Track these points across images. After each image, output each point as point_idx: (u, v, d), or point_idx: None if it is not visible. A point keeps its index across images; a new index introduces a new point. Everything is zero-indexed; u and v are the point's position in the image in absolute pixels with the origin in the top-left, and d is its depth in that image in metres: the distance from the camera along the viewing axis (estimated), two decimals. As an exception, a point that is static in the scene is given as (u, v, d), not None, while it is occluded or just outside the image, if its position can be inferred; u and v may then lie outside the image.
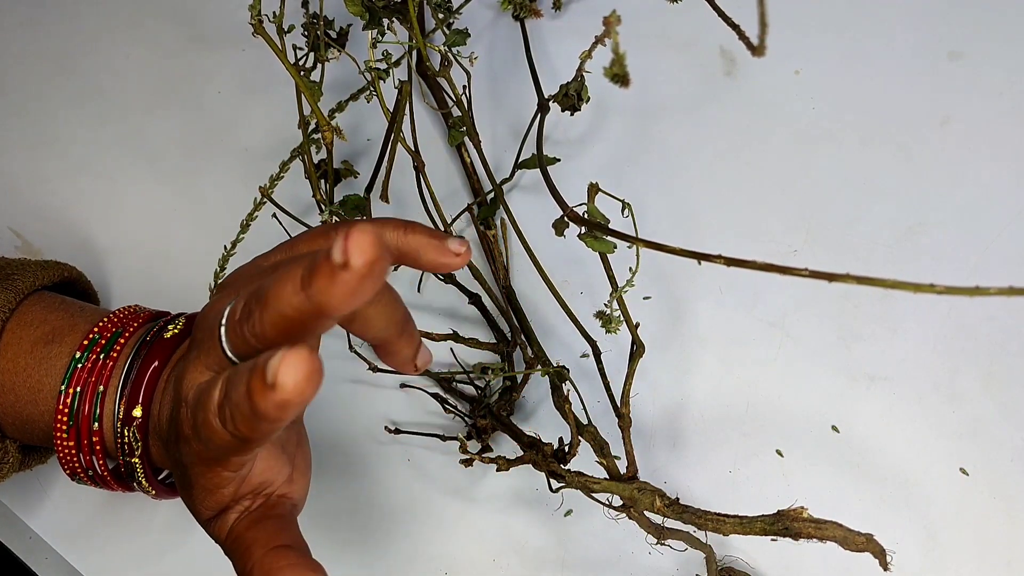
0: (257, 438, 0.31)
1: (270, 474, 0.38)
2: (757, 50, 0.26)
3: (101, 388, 0.41)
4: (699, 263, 0.31)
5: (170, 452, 0.38)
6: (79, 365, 0.42)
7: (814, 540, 0.39)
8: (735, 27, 0.29)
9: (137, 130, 0.64)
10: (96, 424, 0.41)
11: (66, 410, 0.41)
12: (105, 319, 0.44)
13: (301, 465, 0.40)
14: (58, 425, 0.42)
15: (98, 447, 0.42)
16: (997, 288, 0.21)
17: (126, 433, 0.40)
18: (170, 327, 0.43)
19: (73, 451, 0.42)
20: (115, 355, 0.42)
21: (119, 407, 0.41)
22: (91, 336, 0.43)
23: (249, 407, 0.29)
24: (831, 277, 0.25)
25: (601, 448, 0.45)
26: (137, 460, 0.41)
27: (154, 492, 0.43)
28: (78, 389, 0.41)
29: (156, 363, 0.41)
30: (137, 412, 0.40)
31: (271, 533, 0.37)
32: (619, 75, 0.28)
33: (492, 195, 0.55)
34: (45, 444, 0.45)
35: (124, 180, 0.62)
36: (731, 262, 0.29)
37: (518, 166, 0.52)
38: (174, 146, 0.63)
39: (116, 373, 0.42)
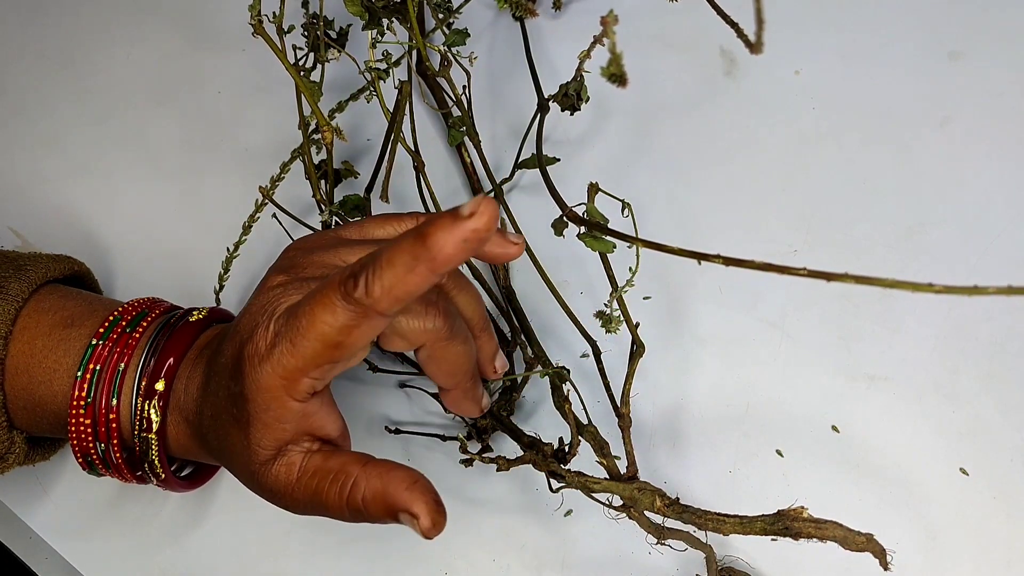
0: (387, 307, 0.32)
1: (328, 421, 0.38)
2: (755, 47, 0.26)
3: (122, 366, 0.42)
4: (699, 263, 0.31)
5: (219, 398, 0.38)
6: (101, 343, 0.43)
7: (814, 540, 0.39)
8: (734, 25, 0.29)
9: (137, 130, 0.64)
10: (115, 401, 0.42)
11: (85, 386, 0.42)
12: (127, 303, 0.45)
13: (346, 433, 0.41)
14: (75, 403, 0.42)
15: (114, 426, 0.42)
16: (996, 287, 0.21)
17: (146, 407, 0.41)
18: (195, 312, 0.44)
19: (89, 430, 0.42)
20: (137, 335, 0.43)
21: (140, 381, 0.41)
22: (113, 316, 0.44)
23: (423, 247, 0.31)
24: (830, 277, 0.25)
25: (601, 448, 0.45)
26: (153, 436, 0.41)
27: (164, 476, 0.44)
28: (98, 367, 0.42)
29: (182, 343, 0.42)
30: (160, 386, 0.41)
31: (354, 456, 0.38)
32: (616, 75, 0.28)
33: (492, 195, 0.55)
34: (53, 431, 0.45)
35: (124, 180, 0.62)
36: (730, 262, 0.29)
37: (518, 166, 0.52)
38: (174, 146, 0.63)
39: (137, 353, 0.43)
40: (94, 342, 0.43)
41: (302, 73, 0.50)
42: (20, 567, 0.53)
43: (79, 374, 0.42)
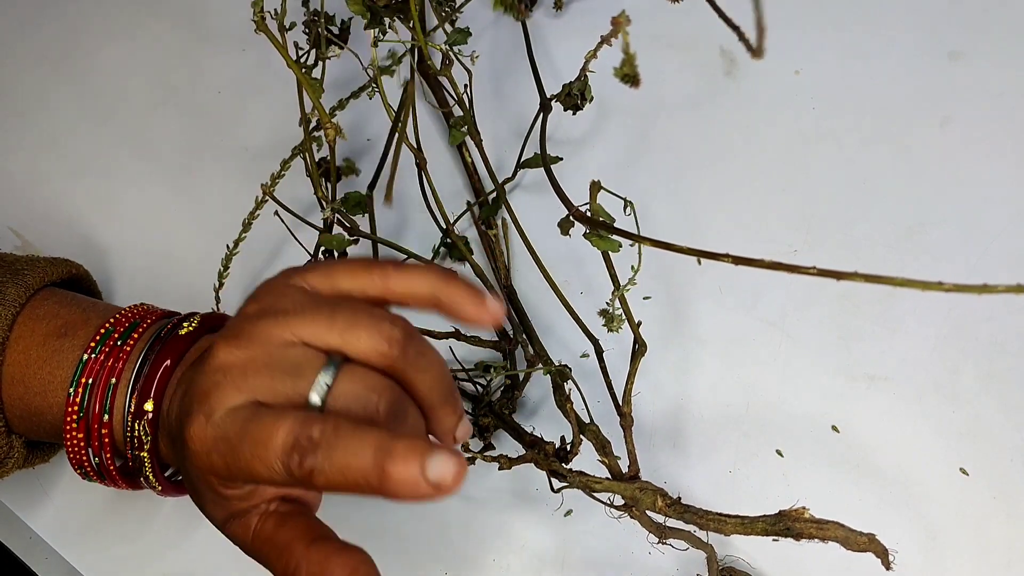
0: (325, 491, 0.33)
1: None
2: (756, 52, 0.26)
3: (113, 381, 0.41)
4: (699, 263, 0.31)
5: (176, 453, 0.38)
6: (92, 356, 0.42)
7: (816, 540, 0.39)
8: (735, 29, 0.29)
9: (137, 130, 0.64)
10: (107, 417, 0.41)
11: (77, 400, 0.42)
12: (119, 314, 0.44)
13: None
14: (68, 417, 0.42)
15: (107, 440, 0.42)
16: (1005, 286, 0.21)
17: (136, 427, 0.41)
18: (184, 324, 0.43)
19: (82, 444, 0.42)
20: (128, 348, 0.42)
21: (130, 400, 0.41)
22: (105, 328, 0.43)
23: (380, 477, 0.31)
24: (839, 275, 0.25)
25: (603, 447, 0.45)
26: (146, 455, 0.41)
27: (160, 488, 0.43)
28: (89, 381, 0.42)
29: (169, 358, 0.41)
30: (148, 406, 0.40)
31: (304, 529, 0.37)
32: (629, 75, 0.28)
33: (493, 195, 0.55)
34: (51, 439, 0.45)
35: (124, 180, 0.62)
36: (739, 261, 0.29)
37: (521, 165, 0.52)
38: (174, 146, 0.63)
39: (128, 367, 0.42)
40: (85, 356, 0.42)
41: (303, 70, 0.50)
42: (20, 567, 0.53)
43: (71, 391, 0.42)
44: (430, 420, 0.39)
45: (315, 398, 0.34)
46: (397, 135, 0.47)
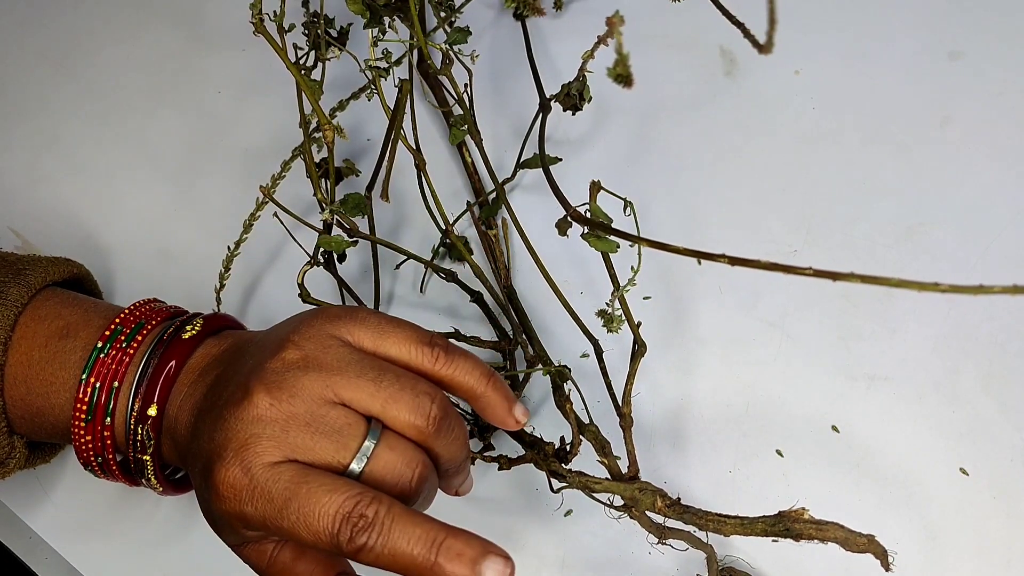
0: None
1: None
2: (764, 48, 0.25)
3: (116, 384, 0.42)
4: (699, 263, 0.31)
5: (195, 484, 0.38)
6: (101, 355, 0.42)
7: (815, 541, 0.39)
8: (740, 26, 0.29)
9: (137, 130, 0.64)
10: (108, 419, 0.42)
11: (84, 404, 0.42)
12: (125, 312, 0.44)
13: None
14: (76, 419, 0.42)
15: (109, 441, 0.42)
16: (1001, 287, 0.21)
17: (140, 431, 0.41)
18: (187, 327, 0.43)
19: (89, 444, 0.42)
20: (132, 351, 0.42)
21: (134, 404, 0.41)
22: (113, 327, 0.43)
23: (429, 572, 0.33)
24: (836, 276, 0.25)
25: (603, 447, 0.45)
26: (148, 458, 0.41)
27: (161, 489, 0.44)
28: (98, 384, 0.42)
29: (173, 363, 0.41)
30: (152, 411, 0.41)
31: (323, 564, 0.38)
32: (623, 75, 0.28)
33: (493, 195, 0.55)
34: (52, 439, 0.45)
35: (124, 180, 0.62)
36: (736, 261, 0.29)
37: (520, 165, 0.52)
38: (174, 146, 0.63)
39: (131, 370, 0.42)
40: (95, 353, 0.42)
41: (303, 72, 0.50)
42: (20, 567, 0.53)
43: (82, 377, 0.42)
44: (441, 480, 0.40)
45: (355, 467, 0.35)
46: (393, 136, 0.47)
